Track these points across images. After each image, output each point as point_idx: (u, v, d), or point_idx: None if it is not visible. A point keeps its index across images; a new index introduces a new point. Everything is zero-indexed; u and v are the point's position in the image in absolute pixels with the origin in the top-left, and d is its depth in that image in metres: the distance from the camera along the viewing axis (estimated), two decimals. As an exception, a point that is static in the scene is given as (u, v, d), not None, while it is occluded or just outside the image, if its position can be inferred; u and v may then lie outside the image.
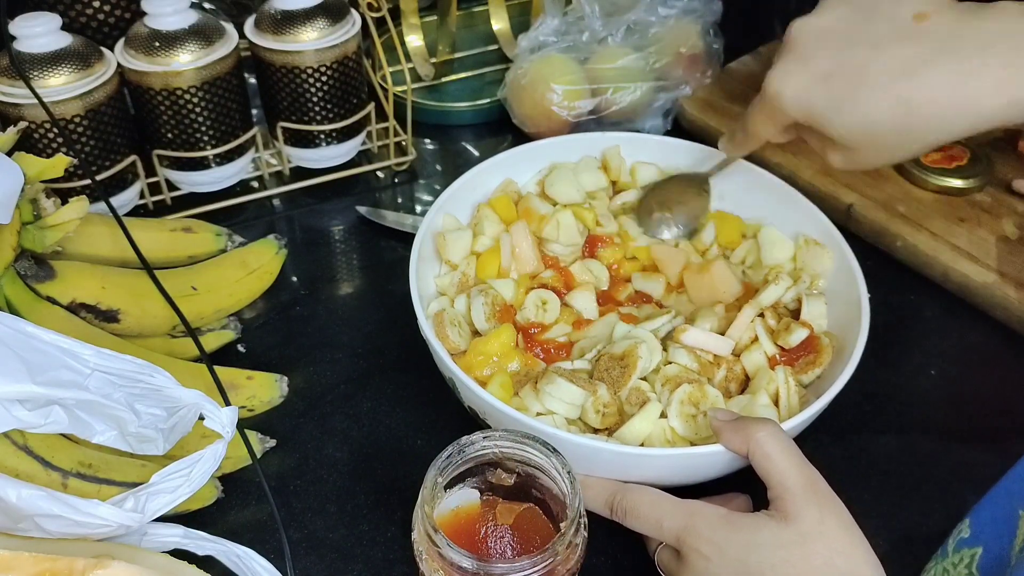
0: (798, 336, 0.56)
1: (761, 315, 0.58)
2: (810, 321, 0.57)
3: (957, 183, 0.73)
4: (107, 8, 0.72)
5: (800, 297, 0.59)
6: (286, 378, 0.62)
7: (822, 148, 0.53)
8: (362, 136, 0.80)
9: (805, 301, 0.58)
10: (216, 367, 0.53)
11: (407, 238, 0.75)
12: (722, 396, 0.54)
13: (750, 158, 0.81)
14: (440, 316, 0.58)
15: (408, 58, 0.89)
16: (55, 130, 0.65)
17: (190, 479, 0.46)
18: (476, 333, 0.59)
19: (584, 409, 0.53)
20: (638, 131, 0.85)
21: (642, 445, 0.52)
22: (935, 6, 0.49)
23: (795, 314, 0.59)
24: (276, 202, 0.79)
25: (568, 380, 0.53)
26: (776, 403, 0.54)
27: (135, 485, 0.47)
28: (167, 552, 0.47)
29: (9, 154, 0.56)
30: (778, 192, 0.66)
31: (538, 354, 0.58)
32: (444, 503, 0.46)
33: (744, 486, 0.51)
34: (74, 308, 0.58)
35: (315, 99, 0.74)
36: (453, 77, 0.91)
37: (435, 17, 0.89)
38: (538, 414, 0.54)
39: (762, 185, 0.67)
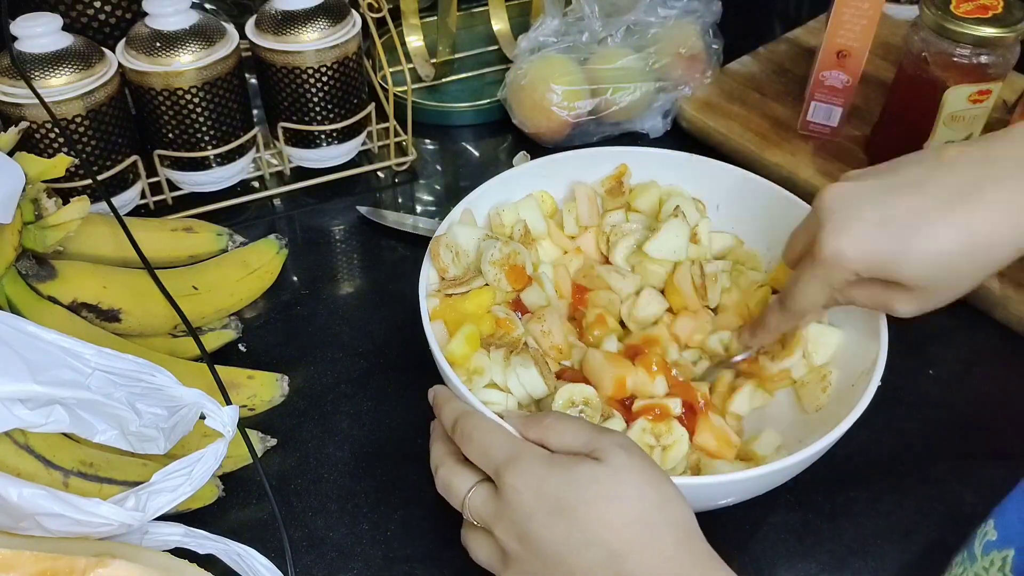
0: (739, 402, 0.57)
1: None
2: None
3: (991, 32, 0.67)
4: (108, 8, 0.72)
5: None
6: (287, 377, 0.62)
7: (886, 300, 0.51)
8: (362, 136, 0.80)
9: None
10: (217, 366, 0.53)
11: (407, 238, 0.75)
12: (687, 434, 0.54)
13: (749, 164, 0.81)
14: (439, 240, 0.59)
15: (408, 58, 0.89)
16: (56, 130, 0.66)
17: (191, 478, 0.46)
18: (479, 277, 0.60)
19: (540, 405, 0.54)
20: (638, 131, 0.85)
21: None
22: (951, 146, 0.50)
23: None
24: (277, 202, 0.79)
25: (539, 371, 0.53)
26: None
27: (136, 484, 0.47)
28: (168, 551, 0.48)
29: (10, 154, 0.56)
30: (780, 201, 0.65)
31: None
32: None
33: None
34: (75, 308, 0.58)
35: (316, 99, 0.74)
36: (453, 77, 0.91)
37: (435, 17, 0.89)
38: (492, 383, 0.55)
39: (761, 194, 0.66)
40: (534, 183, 0.67)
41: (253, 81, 0.76)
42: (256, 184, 0.80)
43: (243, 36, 0.73)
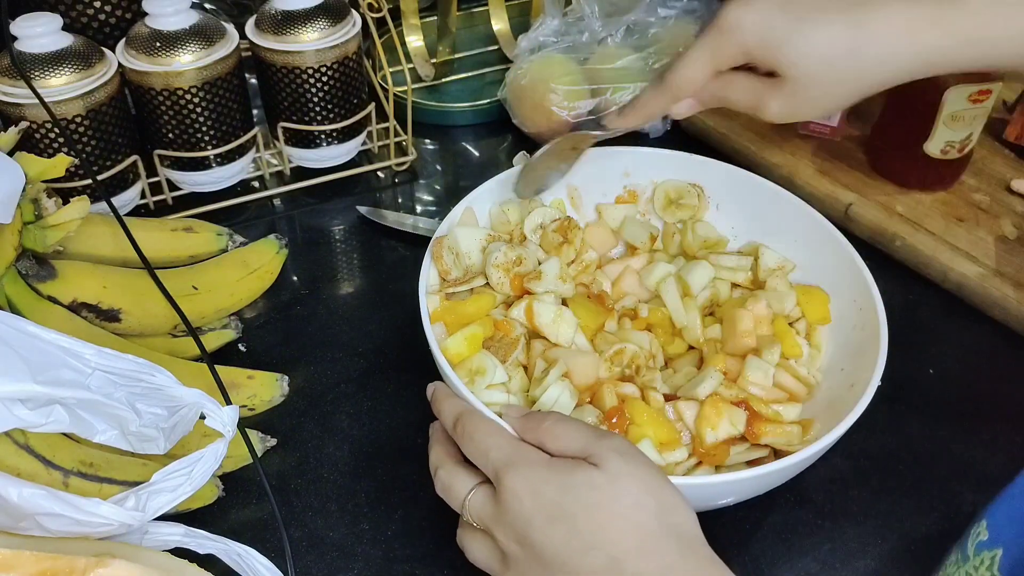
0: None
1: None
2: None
3: None
4: (108, 8, 0.72)
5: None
6: (287, 377, 0.62)
7: (760, 95, 0.52)
8: (362, 136, 0.80)
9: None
10: (217, 366, 0.53)
11: (407, 238, 0.75)
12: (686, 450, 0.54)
13: (749, 164, 0.81)
14: (441, 241, 0.59)
15: (408, 58, 0.89)
16: (56, 130, 0.66)
17: (191, 478, 0.46)
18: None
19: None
20: (638, 131, 0.85)
21: None
22: None
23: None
24: (277, 202, 0.79)
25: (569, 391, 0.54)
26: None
27: (136, 484, 0.47)
28: (168, 551, 0.48)
29: (10, 154, 0.56)
30: (783, 204, 0.65)
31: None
32: None
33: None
34: (75, 307, 0.58)
35: (316, 99, 0.74)
36: (453, 77, 0.91)
37: (435, 17, 0.89)
38: (489, 386, 0.55)
39: (763, 194, 0.66)
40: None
41: (253, 81, 0.76)
42: (256, 184, 0.80)
43: (243, 36, 0.73)
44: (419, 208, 0.80)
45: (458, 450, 0.48)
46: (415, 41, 0.92)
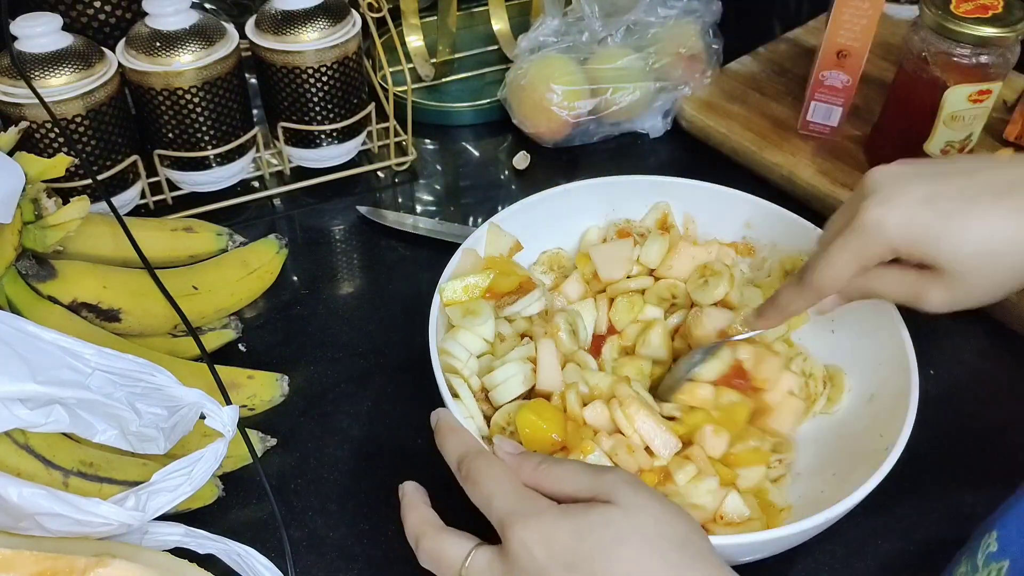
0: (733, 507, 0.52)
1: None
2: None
3: (991, 32, 0.66)
4: (108, 8, 0.72)
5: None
6: (287, 377, 0.62)
7: (918, 289, 0.49)
8: (362, 136, 0.80)
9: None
10: (217, 366, 0.53)
11: (407, 238, 0.75)
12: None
13: (749, 164, 0.81)
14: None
15: (408, 58, 0.89)
16: (56, 130, 0.66)
17: (191, 478, 0.46)
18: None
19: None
20: (638, 131, 0.85)
21: None
22: (1005, 152, 0.49)
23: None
24: (277, 202, 0.79)
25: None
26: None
27: (136, 484, 0.47)
28: (168, 551, 0.48)
29: (10, 154, 0.56)
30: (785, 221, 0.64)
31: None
32: None
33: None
34: (75, 307, 0.58)
35: (316, 99, 0.74)
36: (453, 77, 0.91)
37: (435, 17, 0.89)
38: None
39: (765, 213, 0.65)
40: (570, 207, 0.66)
41: (253, 81, 0.76)
42: (256, 184, 0.80)
43: (243, 36, 0.73)
44: (419, 208, 0.80)
45: (436, 516, 0.45)
46: (415, 41, 0.92)
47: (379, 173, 0.82)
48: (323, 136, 0.77)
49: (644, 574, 0.39)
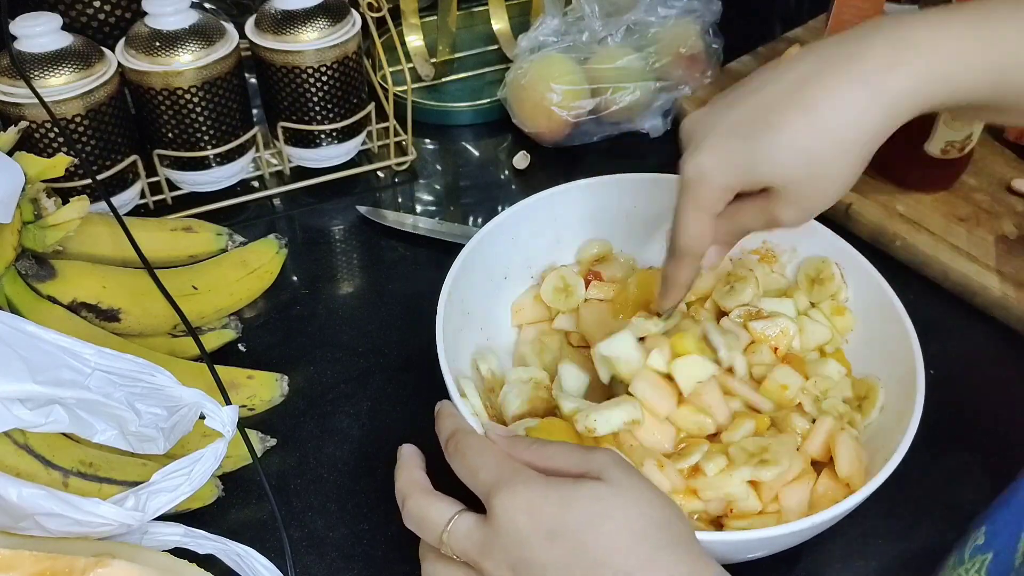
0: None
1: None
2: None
3: None
4: (108, 8, 0.72)
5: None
6: (286, 377, 0.62)
7: (768, 213, 0.49)
8: (362, 136, 0.80)
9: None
10: (217, 366, 0.53)
11: (407, 238, 0.75)
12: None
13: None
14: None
15: (408, 58, 0.89)
16: (56, 130, 0.66)
17: (191, 478, 0.46)
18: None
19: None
20: (638, 131, 0.85)
21: None
22: (789, 55, 0.49)
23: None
24: (276, 202, 0.79)
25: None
26: None
27: (136, 484, 0.47)
28: (168, 551, 0.48)
29: (10, 154, 0.56)
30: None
31: None
32: None
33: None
34: (75, 307, 0.58)
35: (315, 99, 0.74)
36: (453, 77, 0.91)
37: (435, 17, 0.89)
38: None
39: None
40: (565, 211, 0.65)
41: (253, 81, 0.76)
42: (256, 184, 0.80)
43: (243, 36, 0.73)
44: (419, 208, 0.80)
45: (427, 479, 0.46)
46: (415, 41, 0.92)
47: (379, 173, 0.82)
48: (323, 136, 0.77)
49: (624, 550, 0.39)
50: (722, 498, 0.50)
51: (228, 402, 0.49)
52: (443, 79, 0.91)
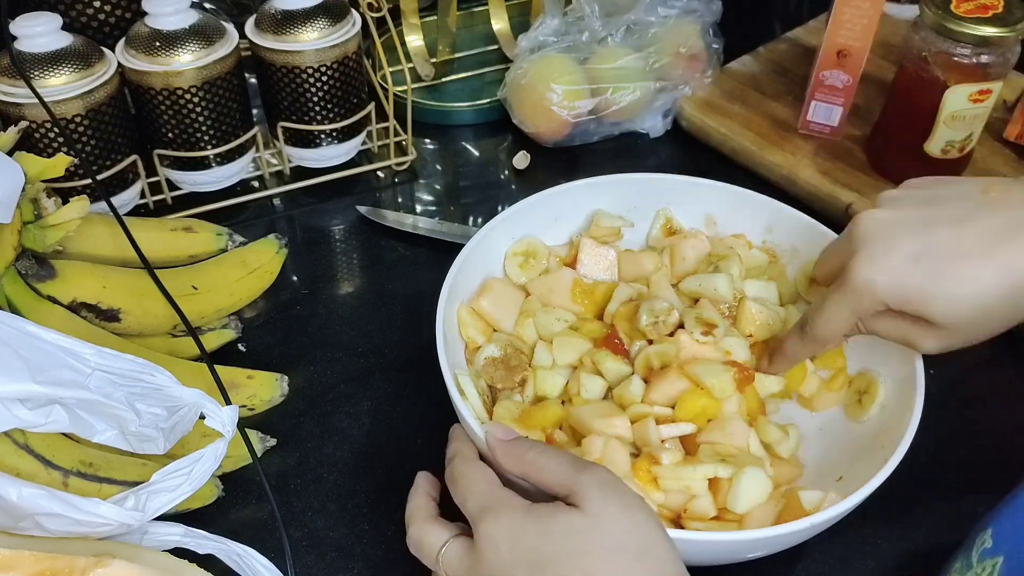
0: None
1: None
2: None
3: (991, 31, 0.65)
4: (108, 8, 0.72)
5: None
6: (286, 377, 0.62)
7: (911, 336, 0.50)
8: (362, 136, 0.80)
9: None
10: (217, 366, 0.53)
11: (407, 238, 0.75)
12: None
13: (749, 164, 0.81)
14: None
15: (408, 58, 0.89)
16: (56, 130, 0.66)
17: (191, 478, 0.46)
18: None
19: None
20: (638, 131, 0.85)
21: None
22: (996, 182, 0.49)
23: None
24: (276, 202, 0.79)
25: None
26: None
27: (136, 484, 0.47)
28: (168, 551, 0.48)
29: (10, 154, 0.56)
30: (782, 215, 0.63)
31: None
32: None
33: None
34: (75, 307, 0.58)
35: (315, 99, 0.74)
36: (453, 77, 0.91)
37: (435, 17, 0.89)
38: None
39: (761, 207, 0.64)
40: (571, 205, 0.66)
41: (253, 81, 0.76)
42: (256, 184, 0.80)
43: (243, 36, 0.73)
44: (419, 208, 0.80)
45: (435, 506, 0.48)
46: (415, 41, 0.92)
47: (379, 173, 0.82)
48: (323, 136, 0.77)
49: None
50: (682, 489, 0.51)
51: (228, 402, 0.49)
52: (443, 79, 0.91)
